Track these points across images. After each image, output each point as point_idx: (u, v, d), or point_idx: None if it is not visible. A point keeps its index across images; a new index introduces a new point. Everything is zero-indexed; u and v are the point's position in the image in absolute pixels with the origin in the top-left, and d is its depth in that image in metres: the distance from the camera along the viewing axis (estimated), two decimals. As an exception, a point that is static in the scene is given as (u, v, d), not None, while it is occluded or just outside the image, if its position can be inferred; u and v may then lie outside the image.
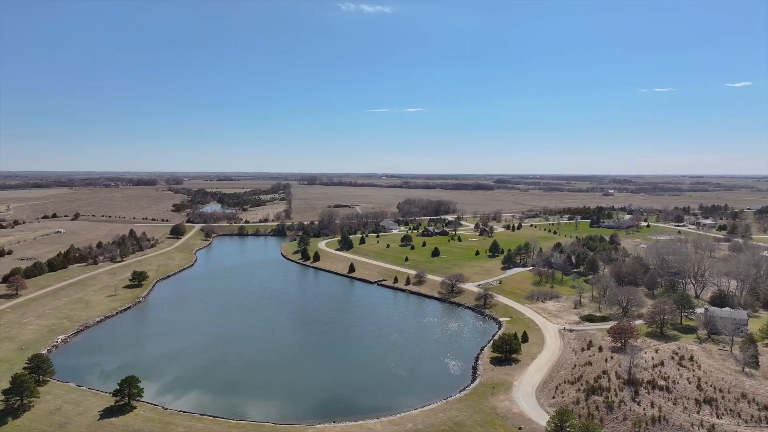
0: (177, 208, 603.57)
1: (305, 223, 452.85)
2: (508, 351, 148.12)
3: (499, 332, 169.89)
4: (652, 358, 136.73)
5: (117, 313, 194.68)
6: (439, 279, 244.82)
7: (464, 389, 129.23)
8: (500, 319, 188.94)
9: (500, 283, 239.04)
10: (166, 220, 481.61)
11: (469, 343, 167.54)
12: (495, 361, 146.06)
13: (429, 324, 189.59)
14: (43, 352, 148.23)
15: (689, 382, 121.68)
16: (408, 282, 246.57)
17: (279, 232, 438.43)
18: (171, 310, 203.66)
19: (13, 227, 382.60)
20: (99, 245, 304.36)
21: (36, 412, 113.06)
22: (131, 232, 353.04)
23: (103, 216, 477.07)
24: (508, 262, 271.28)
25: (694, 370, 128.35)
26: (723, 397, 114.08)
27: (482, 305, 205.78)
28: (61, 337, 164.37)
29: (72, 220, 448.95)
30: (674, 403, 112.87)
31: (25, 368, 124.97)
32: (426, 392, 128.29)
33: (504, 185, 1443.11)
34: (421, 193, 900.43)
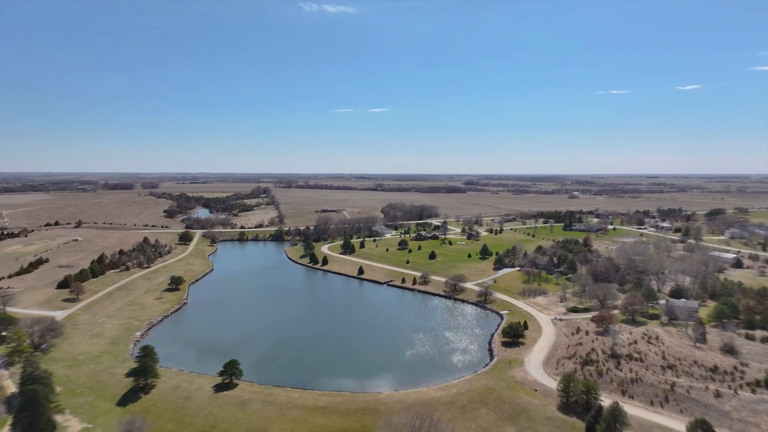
0: (168, 214, 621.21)
1: (301, 228, 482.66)
2: (515, 336, 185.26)
3: (503, 322, 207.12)
4: (628, 339, 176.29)
5: (171, 313, 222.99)
6: (440, 279, 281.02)
7: (486, 365, 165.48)
8: (501, 312, 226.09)
9: (495, 282, 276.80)
10: (166, 227, 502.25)
11: (479, 332, 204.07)
12: (505, 344, 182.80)
13: (442, 317, 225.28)
14: (132, 346, 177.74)
15: (656, 355, 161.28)
16: (415, 282, 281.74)
17: (277, 237, 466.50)
18: (217, 308, 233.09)
19: (26, 235, 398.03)
20: (121, 252, 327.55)
21: (161, 389, 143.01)
22: (145, 239, 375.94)
23: (104, 223, 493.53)
24: (499, 264, 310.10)
25: (659, 346, 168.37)
26: (680, 364, 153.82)
27: (483, 301, 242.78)
28: (138, 333, 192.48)
29: (75, 227, 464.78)
30: (646, 369, 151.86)
31: (137, 357, 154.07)
32: (455, 368, 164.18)
33: (474, 186, 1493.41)
34: (397, 197, 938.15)
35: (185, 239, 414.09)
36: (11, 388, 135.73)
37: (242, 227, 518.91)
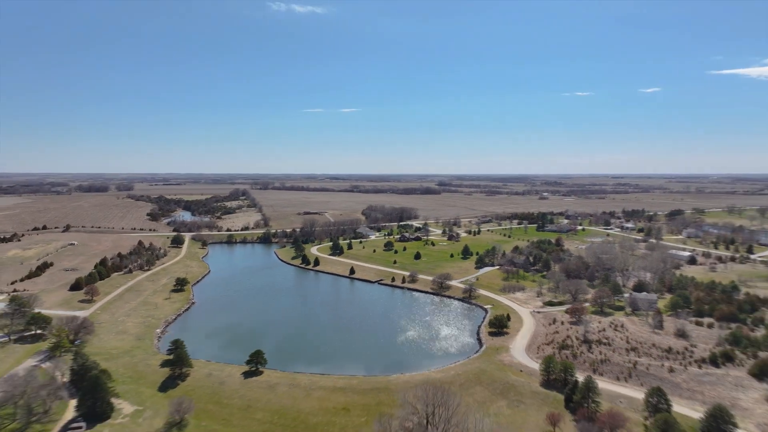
0: (153, 217, 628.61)
1: (288, 230, 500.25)
2: (500, 326, 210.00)
3: (488, 315, 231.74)
4: (597, 327, 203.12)
5: (183, 311, 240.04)
6: (427, 278, 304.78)
7: (477, 352, 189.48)
8: (485, 306, 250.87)
9: (477, 279, 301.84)
10: (154, 230, 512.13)
11: (467, 323, 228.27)
12: (492, 334, 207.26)
13: (432, 311, 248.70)
14: (156, 341, 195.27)
15: (621, 340, 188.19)
16: (404, 281, 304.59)
17: (265, 240, 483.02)
18: (225, 306, 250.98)
19: (20, 239, 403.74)
20: (120, 255, 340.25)
21: (195, 377, 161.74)
22: (140, 243, 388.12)
23: (93, 227, 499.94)
24: (480, 263, 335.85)
25: (624, 333, 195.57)
26: (641, 347, 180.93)
27: (468, 297, 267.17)
28: (158, 330, 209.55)
29: (64, 231, 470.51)
30: (613, 352, 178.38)
31: (169, 350, 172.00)
32: (451, 354, 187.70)
33: (447, 188, 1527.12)
34: (375, 198, 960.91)
35: (177, 242, 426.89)
36: (64, 377, 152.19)
37: (228, 230, 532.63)
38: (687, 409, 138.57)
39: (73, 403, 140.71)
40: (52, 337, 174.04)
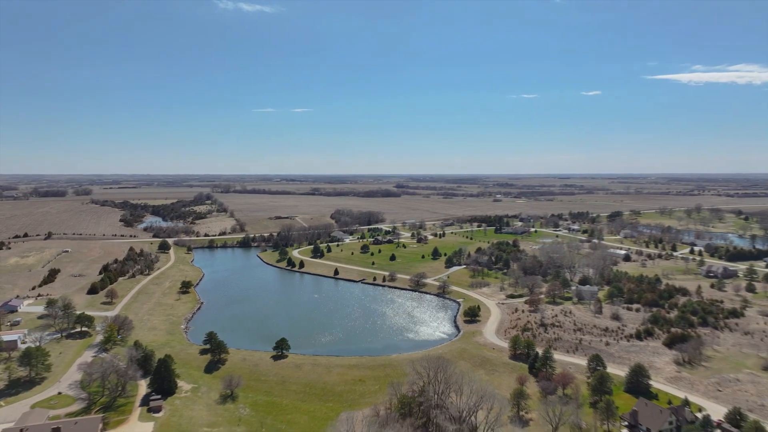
0: (126, 223, 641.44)
1: (265, 235, 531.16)
2: (473, 315, 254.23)
3: (462, 307, 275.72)
4: (551, 313, 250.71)
5: (197, 310, 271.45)
6: (405, 277, 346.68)
7: (457, 336, 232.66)
8: (458, 300, 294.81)
9: (448, 277, 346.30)
10: (134, 236, 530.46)
11: (444, 314, 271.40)
12: (466, 322, 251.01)
13: (412, 306, 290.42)
14: (184, 335, 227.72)
15: (570, 323, 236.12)
16: (384, 280, 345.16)
17: (244, 244, 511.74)
18: (231, 305, 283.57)
19: (9, 248, 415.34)
20: (117, 261, 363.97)
21: (232, 361, 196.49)
22: (131, 249, 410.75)
23: (74, 234, 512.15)
24: (449, 263, 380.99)
25: (572, 317, 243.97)
26: (585, 327, 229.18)
27: (443, 292, 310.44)
28: (182, 326, 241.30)
29: (46, 239, 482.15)
30: (564, 332, 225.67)
31: (205, 340, 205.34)
32: (435, 338, 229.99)
33: (406, 190, 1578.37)
34: (340, 202, 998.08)
35: (163, 248, 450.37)
36: (129, 364, 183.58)
37: (207, 235, 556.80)
38: (617, 371, 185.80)
39: (142, 382, 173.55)
40: (106, 332, 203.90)
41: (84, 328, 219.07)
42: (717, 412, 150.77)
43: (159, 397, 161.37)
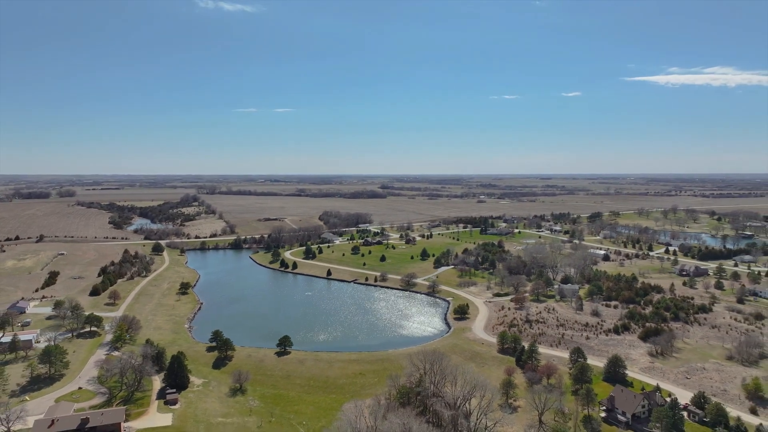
0: (116, 225, 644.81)
1: (256, 237, 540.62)
2: (462, 313, 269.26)
3: (451, 305, 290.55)
4: (535, 311, 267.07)
5: (198, 310, 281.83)
6: (395, 277, 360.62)
7: (448, 332, 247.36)
8: (447, 299, 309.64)
9: (437, 277, 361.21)
10: (126, 238, 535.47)
11: (435, 312, 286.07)
12: (456, 319, 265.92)
13: (404, 305, 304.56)
14: (189, 334, 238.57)
15: (553, 319, 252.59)
16: (376, 280, 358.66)
17: (236, 246, 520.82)
18: (230, 305, 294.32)
19: (4, 250, 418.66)
20: (114, 263, 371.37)
21: (238, 358, 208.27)
22: (126, 251, 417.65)
23: (66, 237, 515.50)
24: (438, 263, 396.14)
25: (554, 314, 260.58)
26: (567, 323, 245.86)
27: (432, 291, 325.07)
28: (186, 326, 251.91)
29: (37, 242, 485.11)
30: (548, 327, 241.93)
31: (211, 338, 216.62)
32: (428, 334, 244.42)
33: (391, 191, 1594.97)
34: (326, 203, 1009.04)
35: (157, 250, 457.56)
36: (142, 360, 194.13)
37: (197, 237, 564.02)
38: (597, 362, 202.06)
39: (155, 378, 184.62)
40: (116, 331, 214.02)
41: (93, 328, 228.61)
42: (685, 396, 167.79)
43: (174, 390, 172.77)
